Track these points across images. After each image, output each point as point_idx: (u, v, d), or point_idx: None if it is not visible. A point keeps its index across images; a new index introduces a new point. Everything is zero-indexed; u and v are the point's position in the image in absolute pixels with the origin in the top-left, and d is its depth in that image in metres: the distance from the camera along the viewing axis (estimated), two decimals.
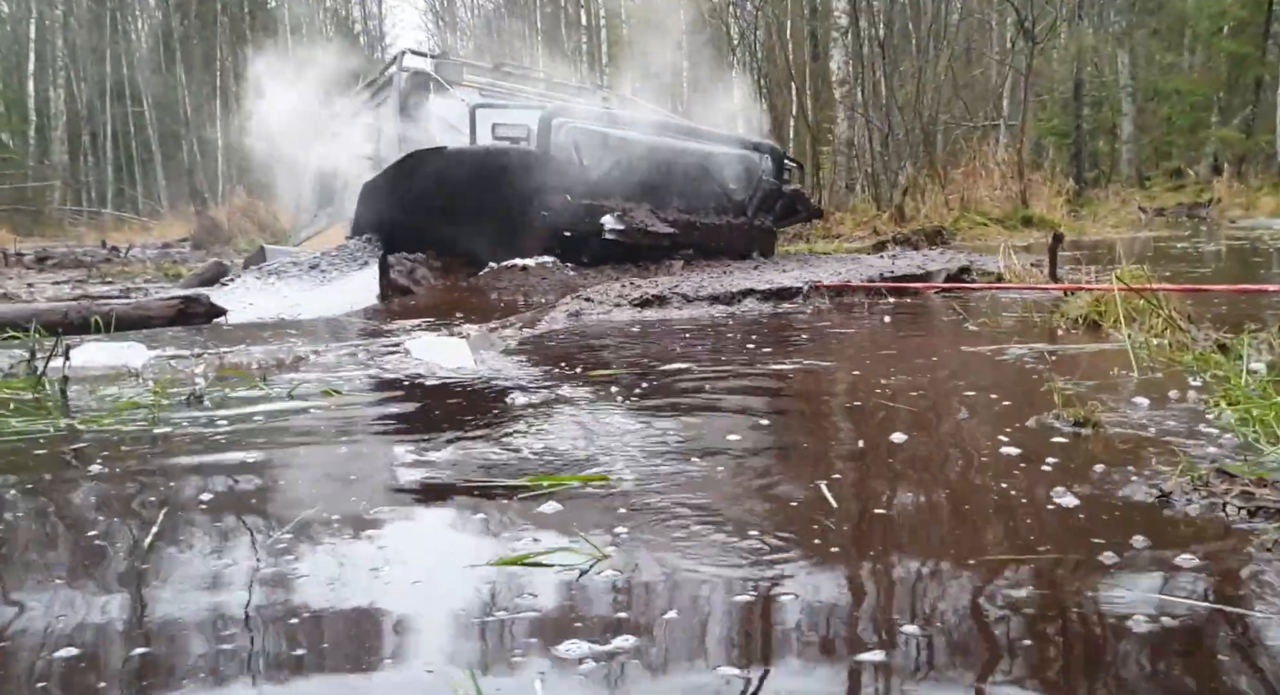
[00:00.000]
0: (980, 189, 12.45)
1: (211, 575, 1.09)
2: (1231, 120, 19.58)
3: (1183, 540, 1.12)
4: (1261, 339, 2.44)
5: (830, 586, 1.02)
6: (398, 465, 1.59)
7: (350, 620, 0.97)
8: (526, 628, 0.93)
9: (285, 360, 2.78)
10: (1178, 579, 1.00)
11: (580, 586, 1.03)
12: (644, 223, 5.67)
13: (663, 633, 0.92)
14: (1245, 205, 13.50)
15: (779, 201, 6.77)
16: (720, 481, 1.46)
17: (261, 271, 5.62)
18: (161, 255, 12.08)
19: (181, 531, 1.25)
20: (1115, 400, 1.95)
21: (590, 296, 4.29)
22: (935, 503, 1.32)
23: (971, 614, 0.94)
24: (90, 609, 1.00)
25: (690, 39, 21.85)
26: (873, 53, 14.86)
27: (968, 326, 3.34)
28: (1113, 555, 1.07)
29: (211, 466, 1.60)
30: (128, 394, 2.21)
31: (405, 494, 1.44)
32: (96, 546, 1.21)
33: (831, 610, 0.96)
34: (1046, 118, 23.08)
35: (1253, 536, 1.12)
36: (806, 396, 2.20)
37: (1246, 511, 1.18)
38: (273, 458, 1.66)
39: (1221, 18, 20.12)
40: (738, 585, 1.02)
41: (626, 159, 5.83)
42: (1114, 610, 0.93)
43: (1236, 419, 1.70)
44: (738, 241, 6.47)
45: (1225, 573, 1.02)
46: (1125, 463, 1.47)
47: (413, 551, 1.18)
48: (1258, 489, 1.23)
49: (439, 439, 1.75)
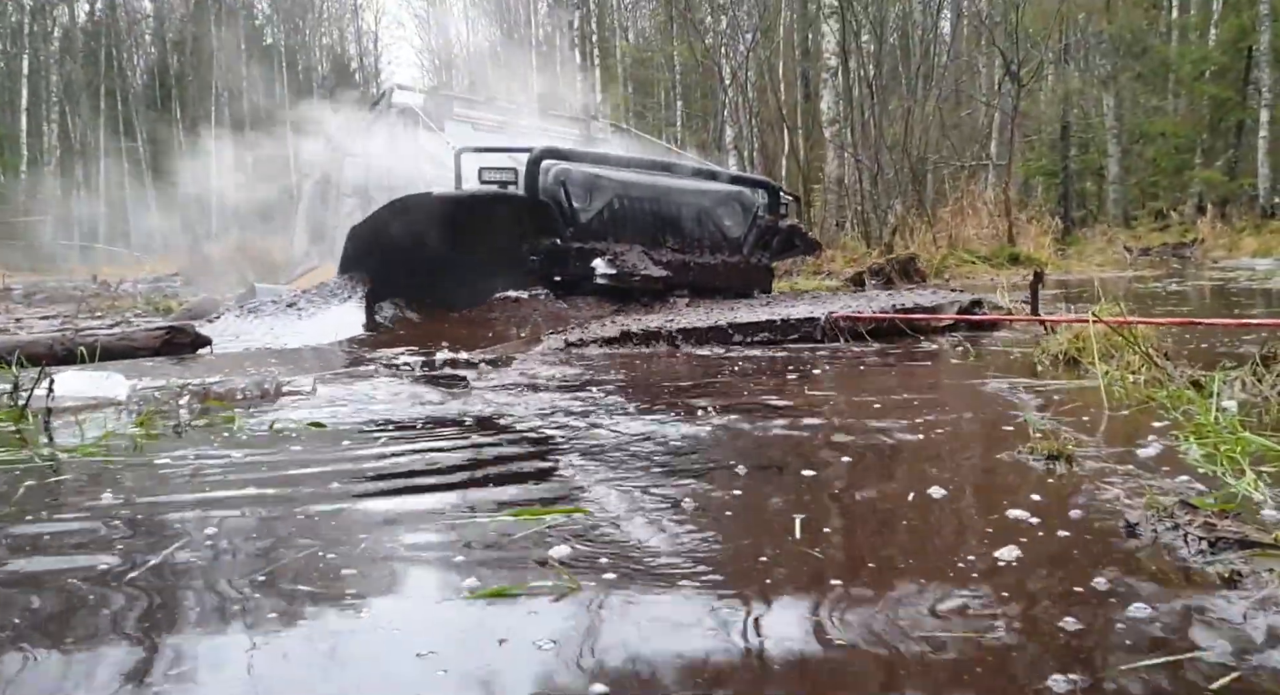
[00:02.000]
0: (968, 227, 12.60)
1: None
2: (1214, 162, 19.88)
3: (1144, 567, 1.14)
4: (1234, 377, 2.47)
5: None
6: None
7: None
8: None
9: (269, 390, 2.79)
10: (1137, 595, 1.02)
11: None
12: (636, 266, 5.51)
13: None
14: (1228, 246, 13.68)
15: (775, 237, 6.63)
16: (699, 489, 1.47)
17: (242, 310, 5.59)
18: (153, 290, 12.10)
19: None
20: (1089, 434, 1.97)
21: (578, 330, 4.31)
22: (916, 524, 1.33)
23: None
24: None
25: (684, 78, 22.08)
26: (862, 93, 15.10)
27: (952, 360, 3.37)
28: (1091, 586, 1.08)
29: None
30: (110, 425, 2.21)
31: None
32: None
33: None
34: (1035, 158, 23.41)
35: (1209, 567, 1.14)
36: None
37: (1207, 541, 1.20)
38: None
39: (1203, 63, 20.52)
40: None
41: (618, 199, 5.72)
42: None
43: (1204, 454, 1.73)
44: (734, 280, 6.33)
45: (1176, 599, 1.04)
46: (1094, 494, 1.49)
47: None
48: (1219, 521, 1.25)
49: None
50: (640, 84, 30.32)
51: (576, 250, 5.47)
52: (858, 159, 14.75)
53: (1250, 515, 1.33)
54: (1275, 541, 1.18)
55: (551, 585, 1.13)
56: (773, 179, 14.47)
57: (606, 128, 8.29)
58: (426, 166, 5.96)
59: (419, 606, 1.10)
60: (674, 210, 6.00)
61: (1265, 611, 1.00)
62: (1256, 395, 2.32)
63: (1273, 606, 1.01)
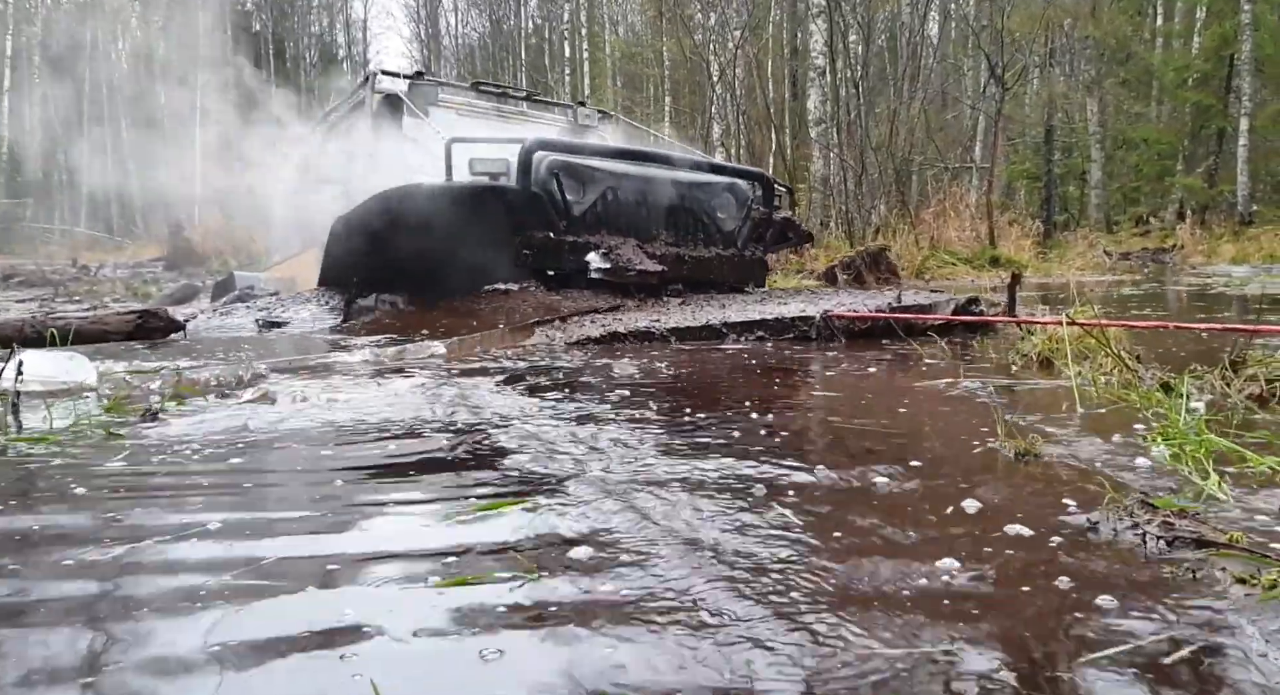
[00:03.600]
0: (950, 229, 12.67)
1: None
2: (1195, 169, 20.09)
3: (1103, 561, 1.15)
4: (1204, 380, 2.51)
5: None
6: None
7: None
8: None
9: (244, 377, 2.77)
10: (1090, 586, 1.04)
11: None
12: (631, 261, 5.35)
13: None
14: (1207, 252, 13.83)
15: (769, 230, 6.48)
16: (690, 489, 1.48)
17: (214, 313, 5.49)
18: (133, 275, 12.01)
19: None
20: (1060, 434, 1.99)
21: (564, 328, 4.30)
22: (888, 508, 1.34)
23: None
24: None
25: (673, 73, 22.05)
26: (849, 94, 15.14)
27: (925, 361, 3.39)
28: (1058, 579, 1.10)
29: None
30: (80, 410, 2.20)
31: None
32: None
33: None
34: (1018, 161, 23.57)
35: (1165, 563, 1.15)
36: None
37: (1165, 540, 1.22)
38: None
39: (1186, 70, 20.72)
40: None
41: (611, 191, 5.59)
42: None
43: (1171, 454, 1.75)
44: (729, 274, 6.19)
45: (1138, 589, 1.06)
46: (1060, 492, 1.50)
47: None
48: (1177, 520, 1.27)
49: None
50: (630, 79, 30.30)
51: (570, 244, 5.34)
52: (843, 159, 14.80)
53: (1215, 516, 1.36)
54: (1230, 541, 1.20)
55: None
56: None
57: (594, 115, 8.03)
58: (411, 154, 5.82)
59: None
60: (668, 202, 5.87)
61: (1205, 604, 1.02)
62: (1225, 397, 2.36)
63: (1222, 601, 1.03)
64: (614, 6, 33.63)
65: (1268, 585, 1.05)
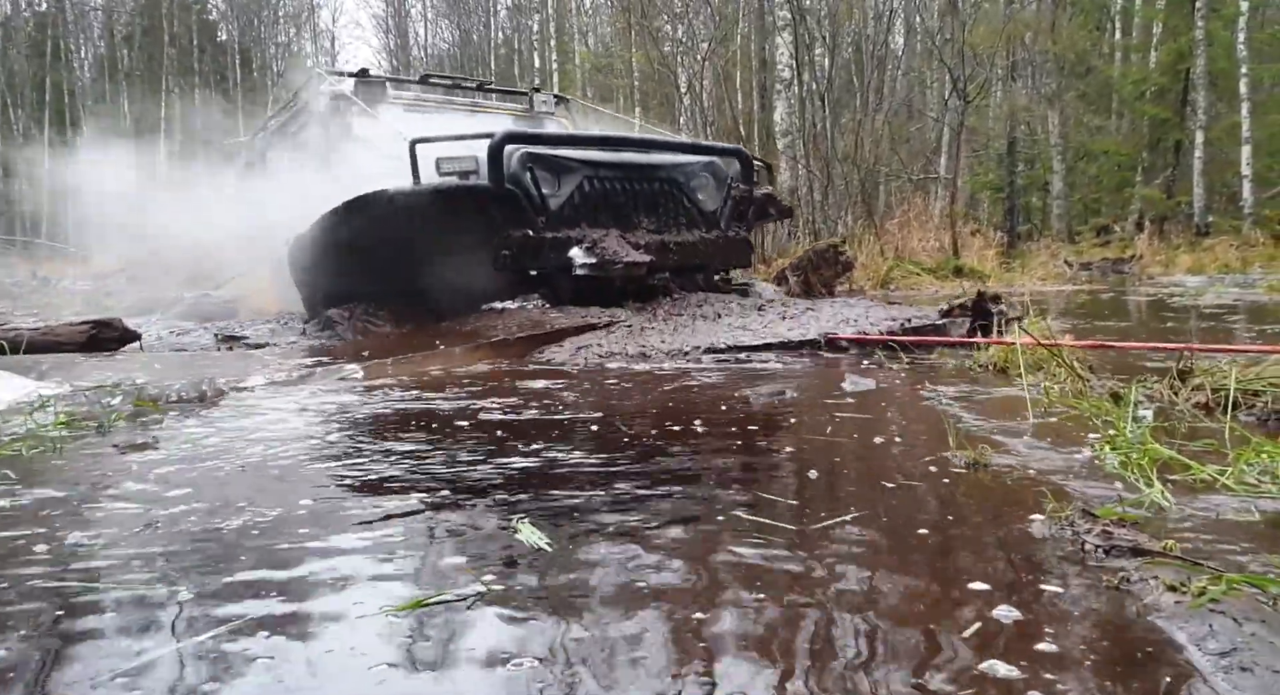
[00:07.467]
0: (914, 240, 12.83)
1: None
2: (1154, 181, 20.50)
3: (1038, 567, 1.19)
4: (1153, 389, 2.57)
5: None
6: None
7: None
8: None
9: (207, 392, 2.76)
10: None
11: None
12: (617, 253, 5.06)
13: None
14: (1165, 262, 14.10)
15: (750, 208, 6.23)
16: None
17: (162, 346, 5.26)
18: (95, 289, 11.82)
19: None
20: (1011, 442, 2.04)
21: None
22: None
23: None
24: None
25: (642, 85, 22.15)
26: (815, 106, 15.30)
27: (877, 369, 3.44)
28: (982, 584, 1.13)
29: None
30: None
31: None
32: None
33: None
34: (982, 172, 23.91)
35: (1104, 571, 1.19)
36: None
37: (1102, 549, 1.26)
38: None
39: (1143, 84, 21.15)
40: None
41: (588, 181, 5.31)
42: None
43: (1119, 463, 1.80)
44: (715, 257, 5.97)
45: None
46: (1005, 500, 1.54)
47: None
48: (1116, 529, 1.31)
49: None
50: (599, 90, 30.38)
51: (550, 240, 5.04)
52: (809, 170, 14.94)
53: (1157, 524, 1.40)
54: (1165, 550, 1.24)
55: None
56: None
57: (550, 100, 7.64)
58: (364, 156, 5.50)
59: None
60: (646, 187, 5.58)
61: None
62: (1173, 406, 2.42)
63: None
64: (583, 18, 33.76)
65: (1196, 593, 1.09)
